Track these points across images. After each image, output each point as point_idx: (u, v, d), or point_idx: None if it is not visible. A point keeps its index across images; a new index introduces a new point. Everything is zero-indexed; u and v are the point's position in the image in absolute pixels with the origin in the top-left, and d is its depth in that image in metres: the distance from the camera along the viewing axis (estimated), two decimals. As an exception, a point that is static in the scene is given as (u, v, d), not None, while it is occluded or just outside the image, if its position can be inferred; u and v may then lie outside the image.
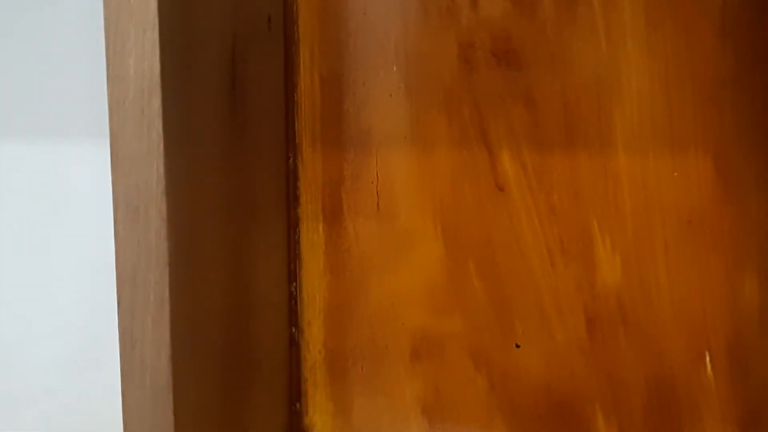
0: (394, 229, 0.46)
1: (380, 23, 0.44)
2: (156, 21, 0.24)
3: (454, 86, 0.44)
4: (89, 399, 0.53)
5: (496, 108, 0.44)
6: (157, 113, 0.25)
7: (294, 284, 0.47)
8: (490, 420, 0.46)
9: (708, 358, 0.43)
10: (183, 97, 0.27)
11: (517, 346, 0.45)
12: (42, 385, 0.53)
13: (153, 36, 0.24)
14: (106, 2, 0.24)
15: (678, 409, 0.44)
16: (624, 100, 0.42)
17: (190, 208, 0.28)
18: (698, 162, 0.42)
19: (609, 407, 0.44)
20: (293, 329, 0.47)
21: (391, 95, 0.45)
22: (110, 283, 0.50)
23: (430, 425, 0.46)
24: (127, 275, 0.26)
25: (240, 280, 0.38)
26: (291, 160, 0.46)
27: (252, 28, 0.37)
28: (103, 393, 0.52)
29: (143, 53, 0.24)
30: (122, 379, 0.27)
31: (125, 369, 0.27)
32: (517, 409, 0.45)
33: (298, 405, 0.48)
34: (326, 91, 0.45)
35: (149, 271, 0.26)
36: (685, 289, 0.43)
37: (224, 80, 0.32)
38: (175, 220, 0.26)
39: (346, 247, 0.46)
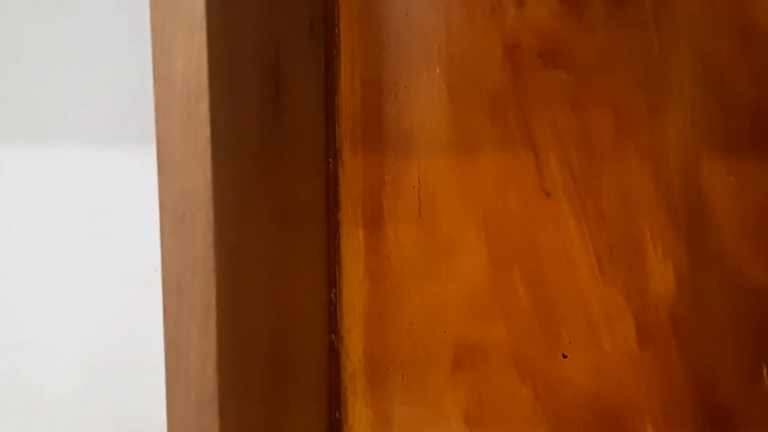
0: (436, 235, 0.45)
1: (423, 24, 0.43)
2: (204, 23, 0.24)
3: (498, 88, 0.43)
4: (124, 407, 0.52)
5: (542, 111, 0.42)
6: (205, 117, 0.24)
7: (334, 291, 0.46)
8: (534, 431, 0.44)
9: (765, 371, 0.41)
10: (230, 101, 0.26)
11: (564, 356, 0.44)
12: (76, 391, 0.53)
13: (201, 38, 0.23)
14: (152, 3, 0.24)
15: (731, 424, 0.42)
16: (676, 102, 0.41)
17: (235, 214, 0.27)
18: (754, 166, 0.40)
19: (659, 421, 0.43)
20: (333, 336, 0.47)
21: (433, 98, 0.44)
22: (150, 290, 0.50)
23: (472, 436, 0.45)
24: (172, 283, 0.25)
25: (281, 288, 0.37)
26: (331, 165, 0.45)
27: (294, 31, 0.37)
28: (138, 401, 0.52)
29: (190, 56, 0.24)
30: (167, 391, 0.26)
31: (170, 380, 0.26)
32: (563, 420, 0.44)
33: (337, 414, 0.47)
34: (367, 95, 0.45)
35: (195, 279, 0.25)
36: (740, 300, 0.41)
37: (268, 84, 0.31)
38: (221, 226, 0.26)
39: (386, 253, 0.45)
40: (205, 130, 0.24)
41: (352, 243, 0.46)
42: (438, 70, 0.44)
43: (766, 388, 0.41)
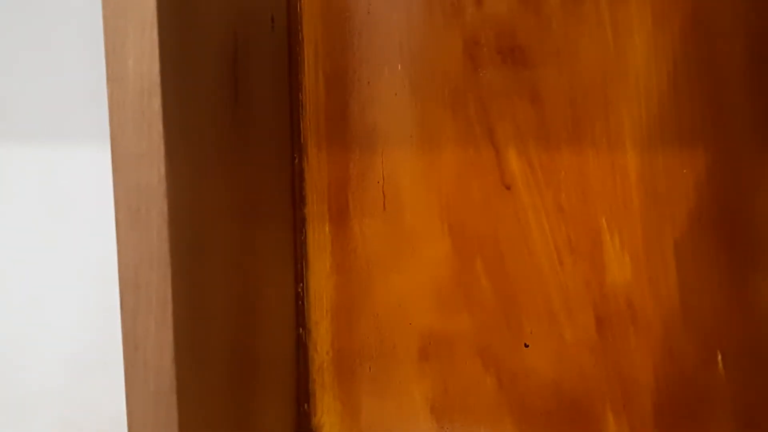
0: (401, 229, 0.45)
1: (384, 21, 0.44)
2: (155, 20, 0.24)
3: (459, 84, 0.44)
4: (96, 401, 0.53)
5: (502, 105, 0.43)
6: (158, 113, 0.24)
7: (301, 285, 0.47)
8: (498, 419, 0.45)
9: (719, 357, 0.42)
10: (183, 97, 0.26)
11: (526, 346, 0.45)
12: (48, 387, 0.53)
13: (152, 36, 0.24)
14: (104, 2, 0.24)
15: (689, 409, 0.43)
16: (631, 96, 0.42)
17: (192, 209, 0.28)
18: (708, 158, 0.41)
19: (619, 406, 0.44)
20: (300, 330, 0.47)
21: (396, 94, 0.44)
22: (114, 284, 0.51)
23: (438, 425, 0.46)
24: (129, 277, 0.26)
25: (246, 281, 0.37)
26: (296, 161, 0.46)
27: (254, 27, 0.37)
28: (109, 394, 0.52)
29: (142, 53, 0.24)
30: (126, 382, 0.27)
31: (129, 371, 0.26)
32: (526, 408, 0.45)
33: (306, 406, 0.48)
34: (331, 91, 0.45)
35: (151, 273, 0.26)
36: (696, 288, 0.42)
37: (226, 80, 0.32)
38: (176, 221, 0.26)
39: (352, 247, 0.46)
40: (158, 126, 0.25)
41: (319, 237, 0.46)
42: (400, 67, 0.44)
43: (721, 374, 0.42)
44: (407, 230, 0.45)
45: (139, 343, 0.26)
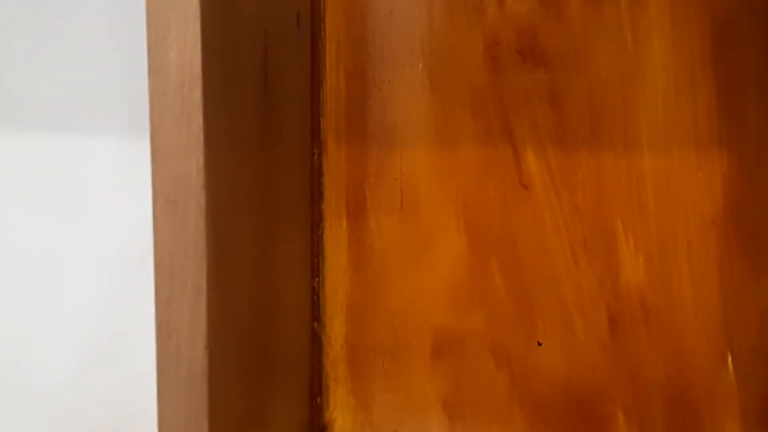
0: (418, 226, 0.46)
1: (406, 20, 0.45)
2: (198, 13, 0.24)
3: (479, 83, 0.44)
4: (107, 391, 0.53)
5: (521, 106, 0.44)
6: (198, 105, 0.25)
7: (317, 279, 0.47)
8: (510, 417, 0.46)
9: (730, 359, 0.43)
10: (222, 90, 0.27)
11: (539, 344, 0.45)
12: (59, 377, 0.53)
13: (195, 28, 0.24)
14: (148, -5, 0.25)
15: (699, 409, 0.44)
16: (649, 98, 0.42)
17: (226, 201, 0.28)
18: (723, 161, 0.42)
19: (630, 406, 0.44)
20: (315, 324, 0.48)
21: (416, 92, 0.45)
22: (139, 277, 0.51)
23: (450, 422, 0.47)
24: (164, 266, 0.26)
25: (266, 274, 0.38)
26: (316, 156, 0.46)
27: (282, 24, 0.38)
28: (120, 384, 0.53)
29: (184, 45, 0.25)
30: (158, 369, 0.27)
31: (161, 359, 0.27)
32: (538, 406, 0.45)
33: (318, 400, 0.48)
34: (351, 88, 0.46)
35: (187, 262, 0.26)
36: (708, 289, 0.43)
37: (258, 75, 0.32)
38: (212, 212, 0.26)
39: (369, 243, 0.47)
40: (198, 118, 0.25)
41: (336, 233, 0.47)
42: (421, 66, 0.45)
43: (731, 375, 0.43)
44: (424, 228, 0.46)
45: (173, 330, 0.27)
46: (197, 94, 0.25)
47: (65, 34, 0.50)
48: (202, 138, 0.25)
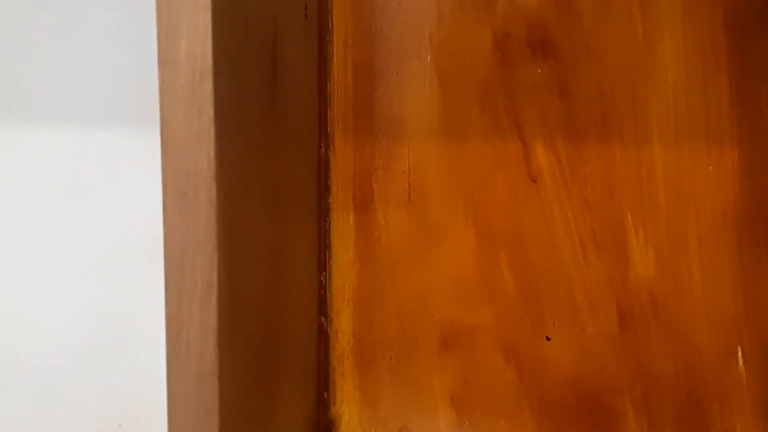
0: (425, 220, 0.46)
1: (415, 12, 0.44)
2: (209, 4, 0.24)
3: (488, 77, 0.44)
4: (118, 386, 0.53)
5: (530, 99, 0.43)
6: (209, 97, 0.25)
7: (324, 274, 0.47)
8: (518, 412, 0.46)
9: (740, 353, 0.43)
10: (232, 81, 0.26)
11: (548, 339, 0.45)
12: (62, 371, 0.53)
13: (206, 19, 0.24)
14: (158, -15, 0.24)
15: (709, 404, 0.43)
16: (660, 92, 0.42)
17: (236, 194, 0.28)
18: (734, 155, 0.42)
19: (639, 401, 0.44)
20: (322, 319, 0.47)
21: (424, 85, 0.45)
22: (144, 271, 0.51)
23: (458, 416, 0.46)
24: (174, 260, 0.26)
25: (275, 269, 0.38)
26: (323, 150, 0.46)
27: (290, 15, 0.37)
28: (123, 379, 0.52)
29: (195, 36, 0.24)
30: (168, 364, 0.27)
31: (171, 354, 0.27)
32: (546, 401, 0.45)
33: (325, 394, 0.48)
34: (359, 81, 0.45)
35: (197, 256, 0.26)
36: (718, 284, 0.42)
37: (267, 67, 0.32)
38: (223, 205, 0.26)
39: (376, 237, 0.46)
40: (209, 110, 0.25)
41: (343, 227, 0.47)
42: (429, 58, 0.44)
43: (741, 369, 0.43)
44: (432, 221, 0.46)
45: (183, 325, 0.26)
46: (208, 86, 0.25)
47: (72, 25, 0.50)
48: (213, 130, 0.25)
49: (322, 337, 0.48)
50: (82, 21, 0.50)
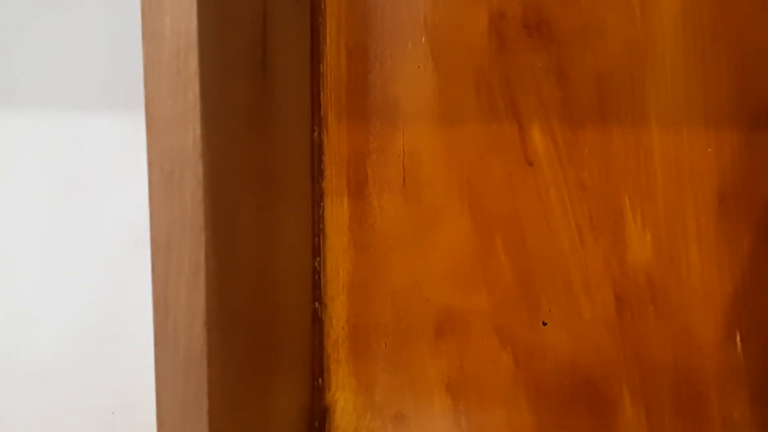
0: (420, 205, 0.45)
1: (409, -7, 0.43)
2: (193, -22, 0.23)
3: (483, 58, 0.43)
4: (103, 376, 0.52)
5: (526, 81, 0.43)
6: (194, 73, 0.24)
7: (318, 259, 0.46)
8: (514, 398, 0.45)
9: (738, 338, 0.42)
10: (219, 59, 0.26)
11: (544, 324, 0.44)
12: (56, 362, 0.53)
13: (190, -7, 0.23)
14: (142, -42, 0.24)
15: (707, 390, 0.43)
16: (658, 74, 0.41)
17: (224, 173, 0.27)
18: (733, 138, 0.41)
19: (636, 386, 0.44)
20: (316, 304, 0.47)
21: (419, 67, 0.44)
22: (135, 260, 0.50)
23: (453, 402, 0.46)
24: (161, 239, 0.25)
25: (266, 252, 0.37)
26: (316, 133, 0.45)
27: (281, -5, 0.37)
28: (117, 369, 0.52)
29: (180, 11, 0.24)
30: (155, 347, 0.26)
31: (158, 336, 0.26)
32: (542, 387, 0.45)
33: (320, 380, 0.48)
34: (352, 63, 0.45)
35: (184, 235, 0.25)
36: (717, 268, 0.42)
37: (256, 47, 0.31)
38: (210, 184, 0.26)
39: (370, 222, 0.46)
40: (195, 86, 0.24)
41: (337, 211, 0.46)
42: (424, 40, 0.44)
43: (739, 354, 0.42)
44: (427, 206, 0.45)
45: (170, 307, 0.26)
46: (193, 62, 0.24)
47: (72, 25, 0.49)
48: (198, 107, 0.24)
49: (317, 323, 0.47)
50: (83, 21, 0.49)
